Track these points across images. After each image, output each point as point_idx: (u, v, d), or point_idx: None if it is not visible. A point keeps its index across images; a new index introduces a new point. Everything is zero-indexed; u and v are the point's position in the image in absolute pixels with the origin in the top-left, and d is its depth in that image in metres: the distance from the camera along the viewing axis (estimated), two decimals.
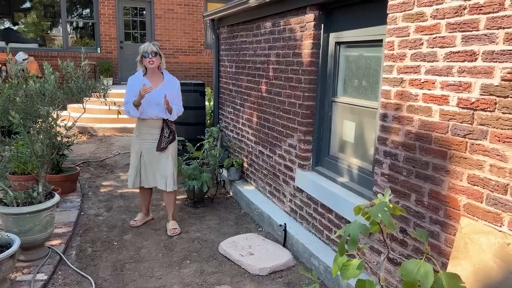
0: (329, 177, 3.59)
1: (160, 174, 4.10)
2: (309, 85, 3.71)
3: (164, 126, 4.03)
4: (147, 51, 3.91)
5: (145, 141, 4.06)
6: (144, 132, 4.06)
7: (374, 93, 3.14)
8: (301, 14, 3.77)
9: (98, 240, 3.93)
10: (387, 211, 1.74)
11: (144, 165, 4.11)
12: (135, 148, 4.10)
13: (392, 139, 2.68)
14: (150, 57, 3.91)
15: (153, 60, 3.92)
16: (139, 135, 4.08)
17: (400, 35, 2.57)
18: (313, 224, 3.69)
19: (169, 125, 4.05)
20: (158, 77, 4.05)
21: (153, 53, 3.91)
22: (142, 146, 4.07)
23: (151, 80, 3.99)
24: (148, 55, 3.91)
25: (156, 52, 3.93)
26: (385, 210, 1.74)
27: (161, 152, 4.05)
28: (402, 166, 2.60)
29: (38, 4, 11.67)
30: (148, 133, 4.05)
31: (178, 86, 4.15)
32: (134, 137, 4.12)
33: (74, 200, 4.80)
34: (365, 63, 3.26)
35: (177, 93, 4.12)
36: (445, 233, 2.30)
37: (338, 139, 3.63)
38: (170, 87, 4.04)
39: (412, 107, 2.50)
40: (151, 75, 4.02)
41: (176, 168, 4.23)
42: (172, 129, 4.08)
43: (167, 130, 4.04)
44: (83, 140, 8.12)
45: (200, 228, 4.27)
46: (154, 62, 3.93)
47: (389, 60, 2.68)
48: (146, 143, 4.06)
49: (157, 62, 3.96)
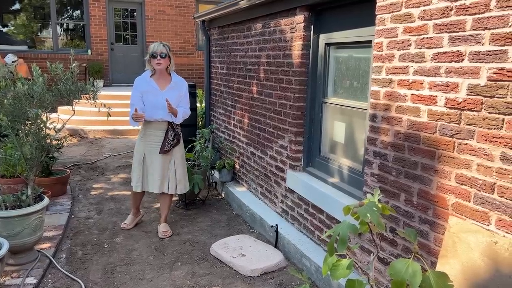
0: (320, 178, 3.60)
1: (163, 176, 4.01)
2: (300, 86, 3.72)
3: (169, 128, 3.96)
4: (156, 52, 3.83)
5: (150, 143, 3.98)
6: (149, 134, 3.97)
7: (364, 94, 3.16)
8: (291, 15, 3.78)
9: (89, 243, 3.90)
10: (376, 211, 1.75)
11: (146, 168, 4.03)
12: (139, 149, 4.03)
13: (381, 139, 2.69)
14: (158, 58, 3.83)
15: (160, 62, 3.84)
16: (143, 136, 3.99)
17: (389, 36, 2.59)
18: (304, 225, 3.70)
19: (174, 128, 3.98)
20: (165, 78, 3.96)
21: (162, 54, 3.83)
22: (145, 148, 4.00)
23: (158, 82, 3.92)
24: (157, 56, 3.83)
25: (165, 53, 3.85)
26: (374, 210, 1.75)
27: (164, 155, 3.98)
28: (392, 166, 2.61)
29: (27, 5, 11.58)
30: (153, 135, 3.97)
31: (186, 88, 4.08)
32: (139, 138, 4.04)
33: (65, 203, 4.77)
34: (354, 64, 3.27)
35: (185, 95, 4.06)
36: (434, 232, 2.32)
37: (329, 140, 3.65)
38: (178, 88, 3.99)
39: (401, 107, 2.52)
40: (158, 77, 3.94)
41: (185, 170, 4.21)
42: (177, 132, 4.01)
43: (171, 132, 3.96)
44: (73, 143, 8.06)
45: (191, 230, 4.26)
46: (161, 64, 3.85)
47: (378, 61, 2.69)
48: (150, 145, 3.98)
49: (165, 64, 3.88)
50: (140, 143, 4.03)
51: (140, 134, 4.04)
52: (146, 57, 3.94)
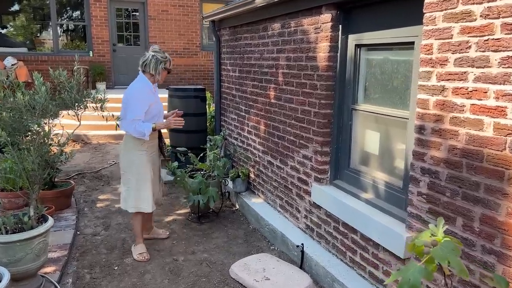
0: (350, 192, 3.28)
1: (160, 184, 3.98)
2: (326, 91, 3.40)
3: (161, 134, 3.88)
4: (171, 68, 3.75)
5: (152, 154, 3.75)
6: (152, 145, 3.73)
7: (403, 101, 2.83)
8: (315, 14, 3.45)
9: (97, 265, 3.58)
10: (455, 253, 1.43)
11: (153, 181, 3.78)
12: (146, 165, 3.64)
13: (431, 154, 2.37)
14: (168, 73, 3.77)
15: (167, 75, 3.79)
16: (147, 149, 3.66)
17: (441, 37, 2.26)
18: (334, 244, 3.37)
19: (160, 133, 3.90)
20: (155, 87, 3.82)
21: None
22: (152, 160, 3.73)
23: (155, 91, 3.75)
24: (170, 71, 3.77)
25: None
26: (453, 252, 1.43)
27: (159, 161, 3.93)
28: (445, 186, 2.29)
29: (27, 6, 11.24)
30: (154, 144, 3.78)
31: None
32: (140, 153, 3.61)
33: (69, 218, 4.45)
34: (391, 68, 2.95)
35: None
36: (503, 265, 2.00)
37: (360, 151, 3.32)
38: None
39: (457, 119, 2.20)
40: (155, 87, 3.76)
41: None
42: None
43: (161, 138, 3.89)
44: (77, 149, 7.74)
45: (207, 247, 3.94)
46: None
47: (426, 65, 2.37)
48: (153, 156, 3.76)
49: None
50: (145, 158, 3.64)
51: (142, 147, 3.62)
52: (159, 65, 3.61)
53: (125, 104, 3.61)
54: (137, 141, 3.60)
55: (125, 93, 3.68)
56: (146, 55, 3.65)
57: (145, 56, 3.66)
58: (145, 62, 3.62)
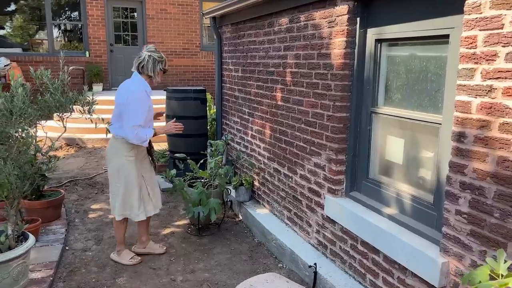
0: (370, 206, 2.91)
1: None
2: (342, 92, 3.03)
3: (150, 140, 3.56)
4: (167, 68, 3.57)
5: (142, 160, 3.48)
6: (141, 151, 3.47)
7: (434, 104, 2.46)
8: (329, 6, 3.09)
9: (86, 286, 3.21)
10: None
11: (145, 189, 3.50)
12: (135, 173, 3.39)
13: (474, 166, 2.00)
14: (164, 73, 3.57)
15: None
16: (136, 155, 3.40)
17: (488, 27, 1.90)
18: (351, 265, 3.00)
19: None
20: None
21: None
22: (141, 167, 3.46)
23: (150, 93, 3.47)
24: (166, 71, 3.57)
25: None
26: None
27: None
28: (493, 205, 1.92)
29: (24, 6, 10.88)
30: (143, 149, 3.50)
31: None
32: (129, 160, 3.36)
33: (58, 231, 4.08)
34: (419, 65, 2.58)
35: None
36: None
37: (381, 159, 2.95)
38: None
39: (509, 125, 1.83)
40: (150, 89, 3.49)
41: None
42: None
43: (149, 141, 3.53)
44: (70, 153, 7.37)
45: (208, 265, 3.57)
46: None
47: (468, 61, 2.00)
48: (142, 163, 3.49)
49: None
50: (134, 165, 3.38)
51: (130, 154, 3.35)
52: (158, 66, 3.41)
53: (121, 107, 3.28)
54: (126, 145, 3.33)
55: (119, 94, 3.36)
56: (141, 56, 3.37)
57: (141, 56, 3.36)
58: (142, 63, 3.36)
